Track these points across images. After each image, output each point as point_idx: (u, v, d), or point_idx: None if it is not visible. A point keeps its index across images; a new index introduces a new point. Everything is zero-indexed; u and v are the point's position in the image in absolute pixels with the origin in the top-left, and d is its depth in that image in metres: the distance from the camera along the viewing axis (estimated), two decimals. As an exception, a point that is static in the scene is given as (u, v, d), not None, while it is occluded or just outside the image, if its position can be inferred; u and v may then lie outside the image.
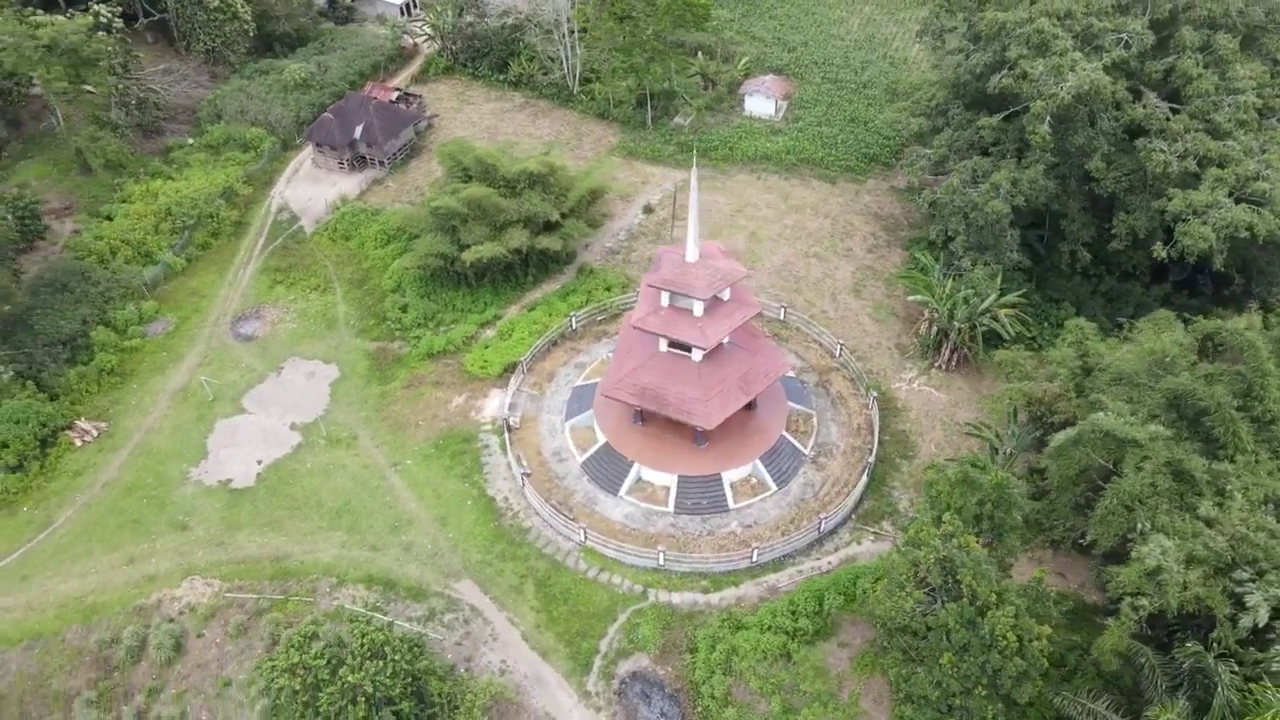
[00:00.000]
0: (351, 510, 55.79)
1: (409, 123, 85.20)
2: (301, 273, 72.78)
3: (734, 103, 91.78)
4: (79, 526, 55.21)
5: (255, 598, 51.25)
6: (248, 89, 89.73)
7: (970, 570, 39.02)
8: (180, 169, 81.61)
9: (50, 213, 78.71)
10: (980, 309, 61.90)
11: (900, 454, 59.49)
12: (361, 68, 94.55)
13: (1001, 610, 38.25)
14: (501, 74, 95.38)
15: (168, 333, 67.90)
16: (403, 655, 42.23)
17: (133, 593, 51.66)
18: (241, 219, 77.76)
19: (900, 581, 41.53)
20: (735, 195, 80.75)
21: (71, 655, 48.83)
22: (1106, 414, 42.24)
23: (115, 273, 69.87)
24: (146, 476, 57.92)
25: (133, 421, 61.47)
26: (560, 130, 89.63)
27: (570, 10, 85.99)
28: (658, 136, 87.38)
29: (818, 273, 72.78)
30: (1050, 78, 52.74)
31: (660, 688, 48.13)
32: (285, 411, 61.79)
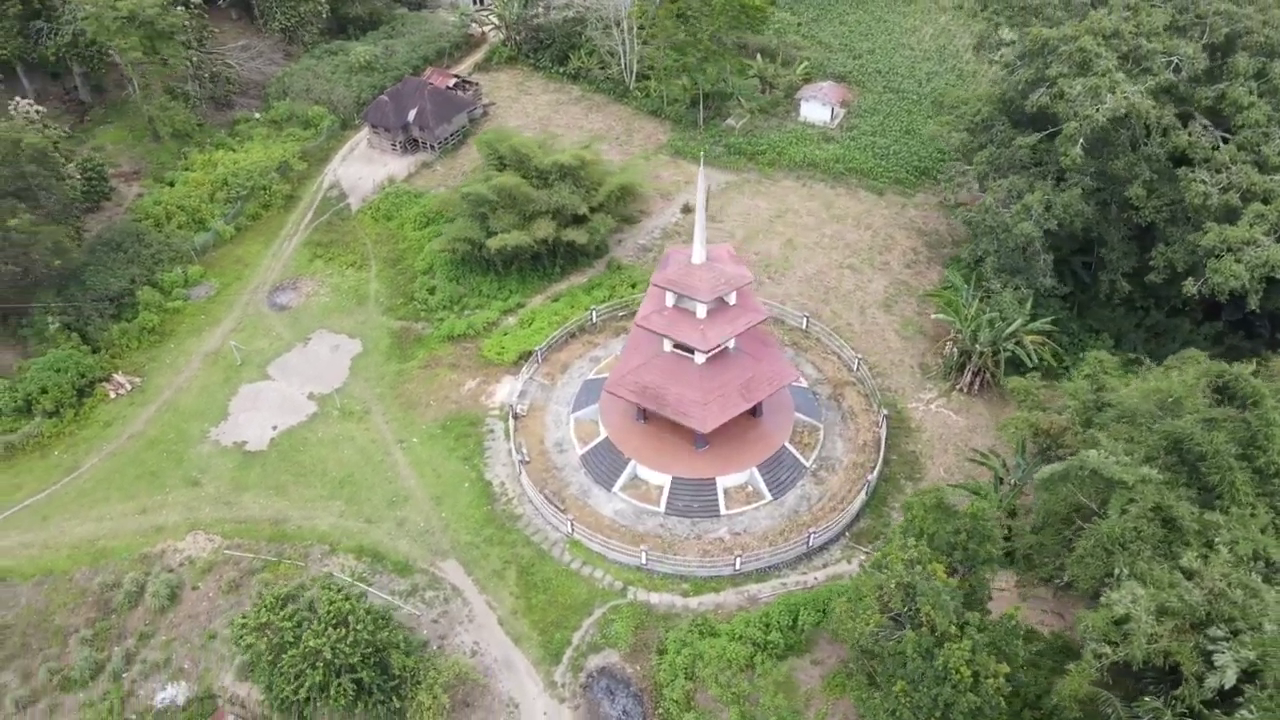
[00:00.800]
0: (353, 482, 57.37)
1: (462, 109, 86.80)
2: (341, 249, 74.99)
3: (789, 107, 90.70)
4: (101, 474, 58.19)
5: (251, 557, 53.22)
6: (315, 68, 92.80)
7: (930, 599, 37.90)
8: (243, 141, 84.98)
9: (120, 176, 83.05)
10: (1005, 333, 59.91)
11: (907, 475, 58.06)
12: (426, 53, 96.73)
13: (958, 644, 37.08)
14: (561, 66, 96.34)
15: (209, 297, 70.88)
16: (365, 626, 43.23)
17: (140, 541, 54.23)
18: (293, 193, 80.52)
19: (864, 603, 40.62)
20: (777, 201, 79.88)
21: (76, 594, 51.57)
22: (1098, 451, 40.47)
23: (168, 236, 73.26)
24: (169, 432, 60.65)
25: (164, 379, 64.42)
26: (612, 125, 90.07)
27: (629, 6, 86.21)
28: (707, 137, 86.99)
29: (850, 284, 71.47)
30: (1087, 98, 50.60)
31: (626, 685, 48.16)
32: (306, 381, 63.86)
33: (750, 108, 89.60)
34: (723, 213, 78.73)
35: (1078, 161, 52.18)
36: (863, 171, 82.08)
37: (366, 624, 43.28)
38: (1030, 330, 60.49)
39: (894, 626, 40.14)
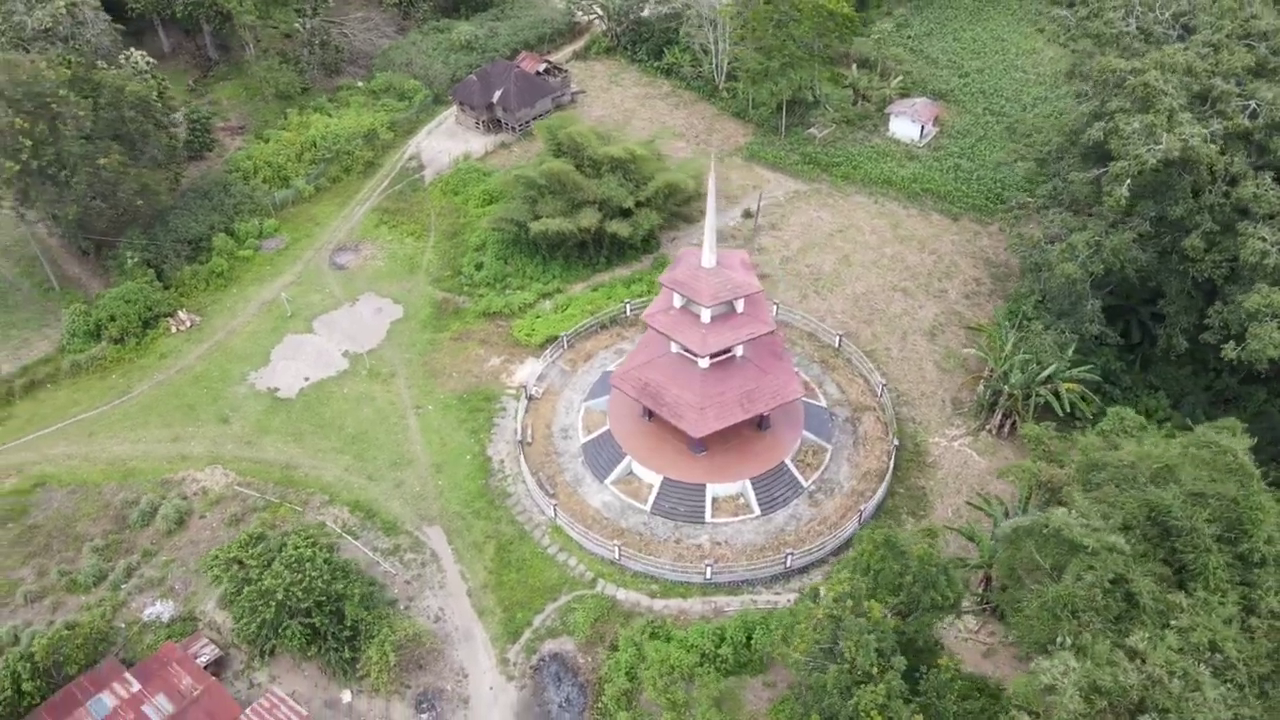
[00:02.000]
0: (364, 439, 59.85)
1: (547, 94, 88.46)
2: (406, 218, 77.98)
3: (879, 121, 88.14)
4: (147, 401, 62.85)
5: (257, 496, 56.40)
6: (419, 43, 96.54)
7: (853, 636, 36.54)
8: (340, 107, 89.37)
9: (227, 129, 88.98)
10: (1039, 377, 56.65)
11: (911, 510, 55.87)
12: (528, 38, 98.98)
13: (874, 687, 35.62)
14: (656, 61, 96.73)
15: (278, 250, 75.15)
16: (322, 575, 45.24)
17: (165, 466, 58.34)
18: (375, 160, 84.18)
19: (798, 629, 39.57)
20: (843, 215, 77.93)
21: (100, 507, 56.00)
22: (1065, 511, 37.94)
23: (252, 190, 78.06)
24: (214, 370, 64.84)
25: (221, 321, 68.84)
26: (694, 123, 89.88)
27: (722, 3, 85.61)
28: (786, 143, 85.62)
29: (898, 308, 69.06)
30: (1141, 137, 47.03)
31: (574, 674, 48.51)
32: (345, 339, 66.91)
33: (836, 118, 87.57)
34: (784, 221, 77.45)
35: (1122, 203, 48.61)
36: (940, 194, 78.95)
37: (324, 573, 45.28)
38: (1068, 378, 56.93)
39: (825, 658, 38.95)
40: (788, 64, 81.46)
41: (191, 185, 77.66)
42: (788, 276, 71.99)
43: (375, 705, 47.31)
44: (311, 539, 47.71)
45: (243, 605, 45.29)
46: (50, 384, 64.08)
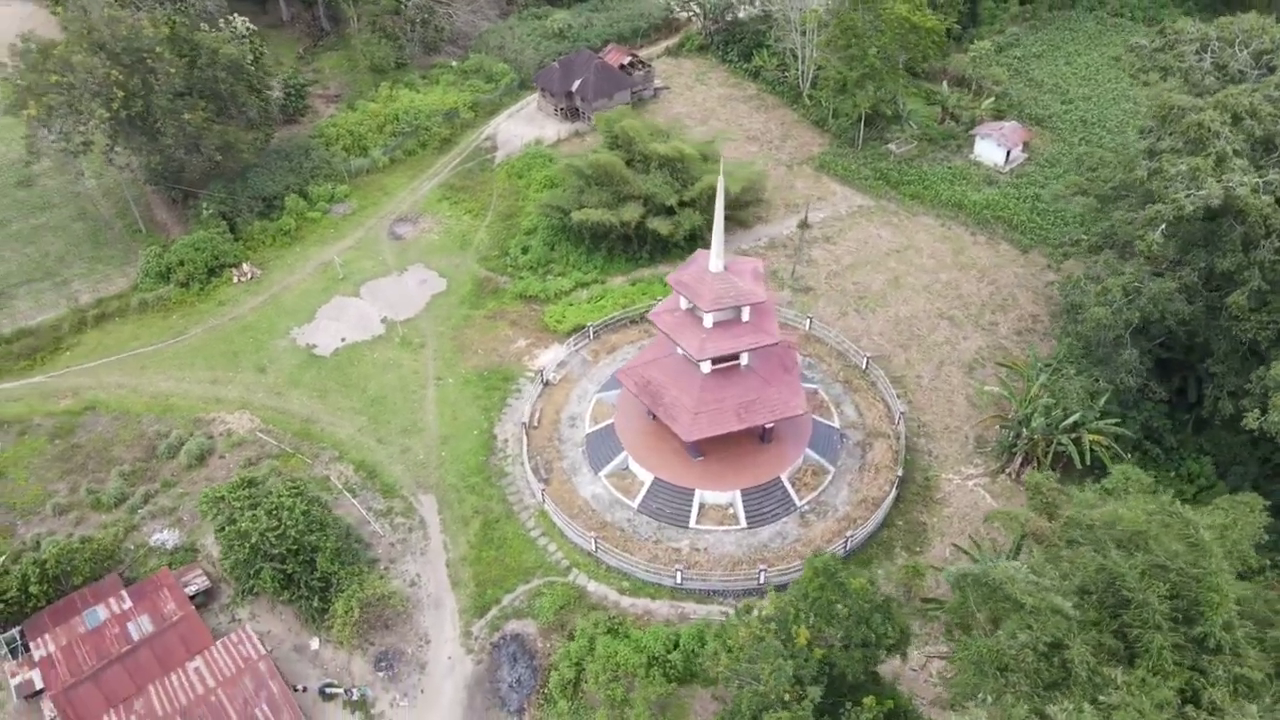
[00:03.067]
0: (382, 403, 62.09)
1: (626, 87, 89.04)
2: (468, 195, 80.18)
3: (964, 142, 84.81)
4: (198, 343, 67.06)
5: (275, 443, 59.44)
6: (515, 28, 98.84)
7: (769, 660, 35.74)
8: (430, 85, 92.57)
9: (325, 97, 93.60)
10: (1061, 424, 53.52)
11: (906, 544, 53.85)
12: (622, 30, 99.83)
13: (778, 714, 34.77)
14: (746, 63, 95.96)
15: (345, 215, 78.65)
16: (297, 525, 47.32)
17: (200, 406, 62.19)
18: (450, 138, 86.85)
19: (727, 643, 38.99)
20: (904, 235, 75.47)
21: (136, 435, 60.21)
22: (1010, 565, 35.92)
23: (331, 156, 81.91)
24: (263, 322, 68.56)
25: (279, 277, 72.66)
26: (771, 128, 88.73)
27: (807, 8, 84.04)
28: (860, 157, 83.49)
29: (940, 336, 66.49)
30: (1183, 181, 43.61)
31: (530, 657, 49.11)
32: (387, 306, 69.50)
33: (917, 135, 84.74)
34: (840, 236, 75.64)
35: (1153, 249, 45.33)
36: (1013, 223, 75.31)
37: (299, 523, 47.37)
38: (1095, 429, 53.53)
39: (746, 677, 38.24)
40: (868, 75, 79.33)
41: (277, 146, 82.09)
42: (831, 292, 70.31)
43: (339, 657, 49.24)
44: (297, 489, 49.84)
45: (223, 543, 48.02)
46: (119, 318, 69.20)
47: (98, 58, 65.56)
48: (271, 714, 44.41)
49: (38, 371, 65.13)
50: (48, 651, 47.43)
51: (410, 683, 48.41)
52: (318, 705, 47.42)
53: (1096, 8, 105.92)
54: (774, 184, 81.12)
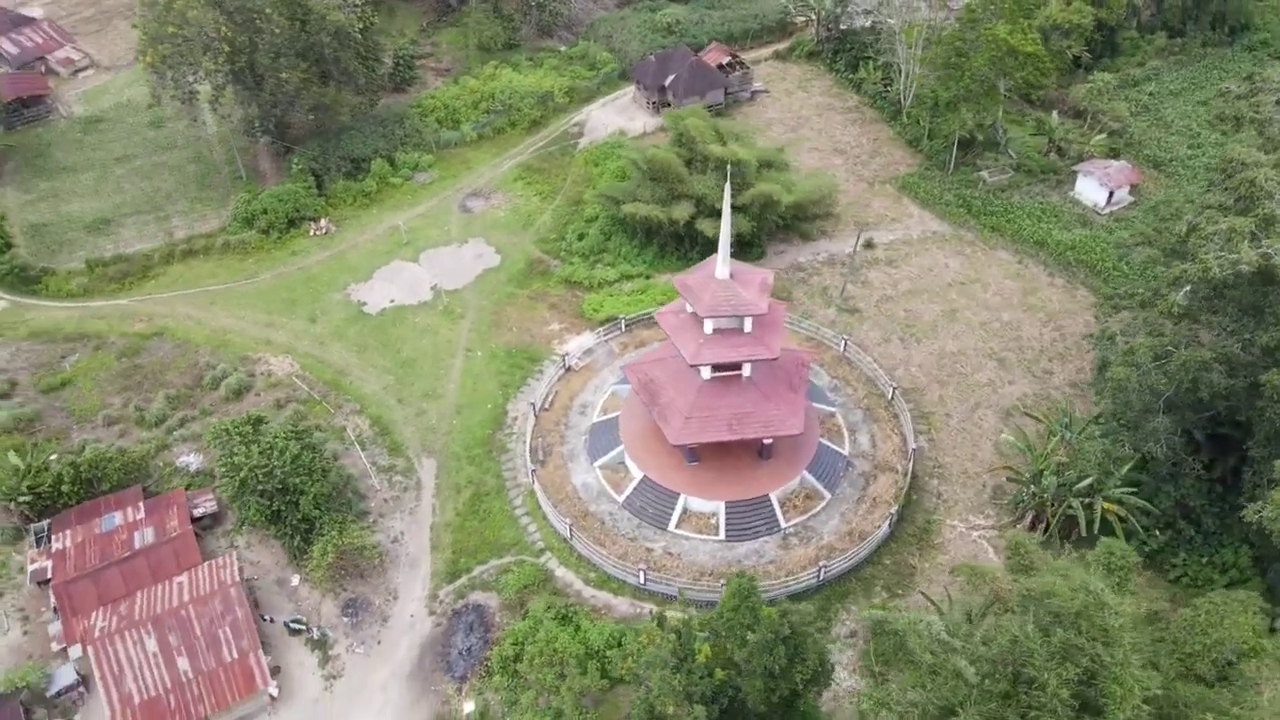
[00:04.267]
0: (411, 366, 64.63)
1: (719, 86, 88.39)
2: (543, 178, 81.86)
3: (1066, 177, 79.76)
4: (265, 287, 71.69)
5: (306, 389, 62.97)
6: (628, 20, 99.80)
7: (656, 670, 35.42)
8: (535, 67, 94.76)
9: (436, 70, 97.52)
10: (1075, 487, 49.92)
11: (889, 585, 51.71)
12: (733, 29, 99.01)
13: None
14: (851, 73, 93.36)
15: (425, 184, 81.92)
16: (283, 465, 50.09)
17: (251, 345, 66.55)
18: (540, 120, 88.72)
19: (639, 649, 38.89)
20: (973, 268, 71.92)
21: (189, 364, 65.10)
22: (932, 620, 34.10)
23: (423, 126, 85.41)
24: (325, 275, 72.53)
25: (350, 235, 76.57)
26: (862, 143, 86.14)
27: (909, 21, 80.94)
28: (947, 181, 79.93)
29: (984, 377, 63.17)
30: (1217, 241, 39.65)
31: (485, 629, 50.22)
32: (439, 274, 72.12)
33: (1013, 163, 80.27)
34: (904, 260, 72.83)
35: (1174, 310, 41.43)
36: (1096, 269, 70.36)
37: (285, 464, 50.13)
38: (1111, 497, 49.62)
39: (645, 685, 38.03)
40: (963, 97, 75.76)
41: (377, 112, 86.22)
42: (879, 316, 67.90)
43: (313, 596, 51.93)
44: (295, 434, 52.68)
45: (220, 473, 51.52)
46: (203, 255, 74.82)
47: (212, 13, 70.88)
48: (232, 637, 47.43)
49: (124, 295, 71.38)
50: (63, 546, 52.27)
51: (370, 632, 50.54)
52: (283, 637, 50.24)
53: (1257, 47, 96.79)
54: (849, 200, 78.86)
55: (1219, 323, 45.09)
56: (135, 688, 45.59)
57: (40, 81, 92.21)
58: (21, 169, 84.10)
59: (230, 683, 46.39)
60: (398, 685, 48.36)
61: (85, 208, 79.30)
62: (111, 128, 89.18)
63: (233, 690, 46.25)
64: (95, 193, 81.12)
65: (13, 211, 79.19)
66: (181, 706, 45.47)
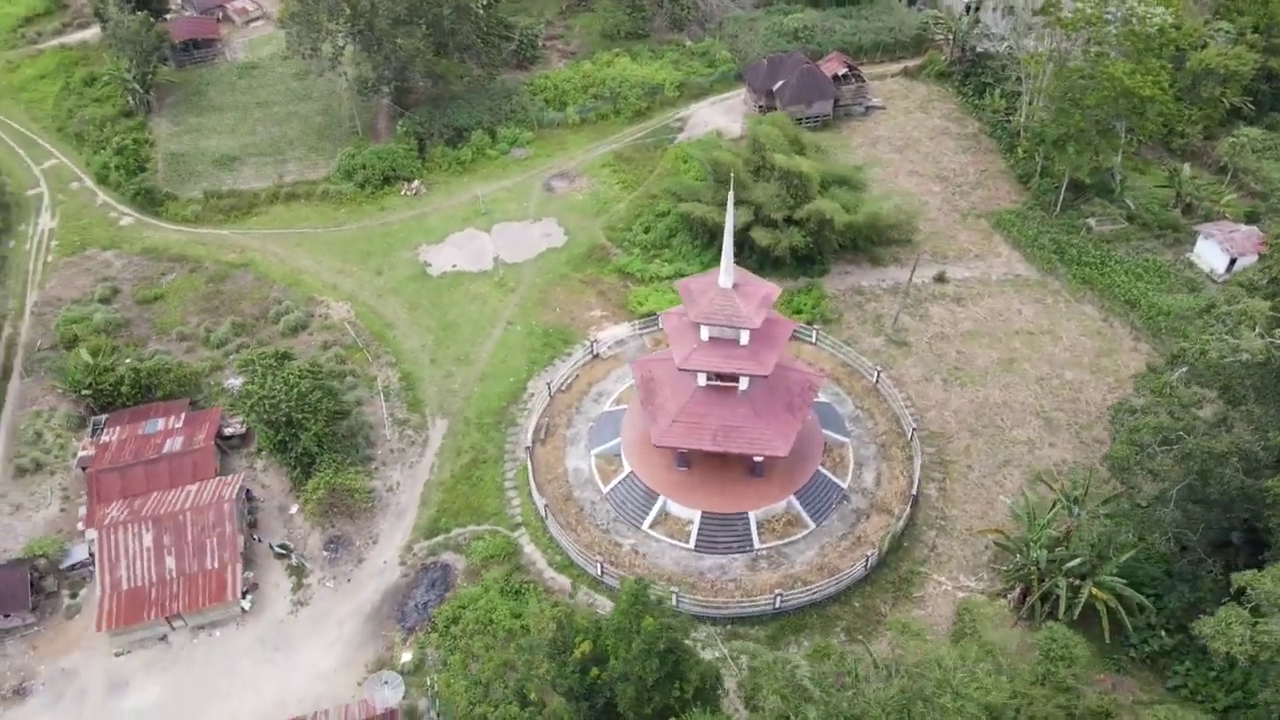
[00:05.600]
0: (453, 329, 67.32)
1: (829, 97, 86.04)
2: (631, 167, 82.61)
3: (1185, 237, 72.90)
4: (345, 237, 76.43)
5: (353, 336, 66.92)
6: (758, 21, 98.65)
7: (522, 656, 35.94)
8: (655, 59, 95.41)
9: (562, 52, 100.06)
10: (1065, 566, 46.11)
11: (850, 627, 49.68)
12: (864, 41, 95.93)
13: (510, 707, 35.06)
14: (978, 99, 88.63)
15: (519, 160, 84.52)
16: (288, 400, 53.62)
17: (319, 288, 71.27)
18: (644, 111, 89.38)
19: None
20: (1049, 318, 67.23)
21: (261, 297, 70.45)
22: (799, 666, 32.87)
23: (529, 104, 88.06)
24: (402, 233, 76.44)
25: (436, 199, 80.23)
26: (968, 172, 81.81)
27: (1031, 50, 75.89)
28: (1048, 224, 74.83)
29: (1024, 435, 59.24)
30: (1228, 322, 35.33)
31: (444, 589, 52.04)
32: (504, 247, 74.48)
33: (1125, 213, 74.02)
34: (974, 299, 68.96)
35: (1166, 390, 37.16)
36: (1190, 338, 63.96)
37: (290, 399, 53.69)
38: (1103, 584, 45.45)
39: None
40: (1073, 136, 70.46)
41: (491, 86, 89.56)
42: (927, 353, 64.69)
43: (304, 527, 55.51)
44: (310, 373, 56.17)
45: (238, 399, 55.90)
46: (303, 199, 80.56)
47: (338, -23, 76.07)
48: (217, 548, 51.53)
49: (228, 226, 78.01)
50: (109, 440, 58.23)
51: (344, 570, 53.55)
52: (269, 558, 54.06)
53: None
54: (934, 229, 75.26)
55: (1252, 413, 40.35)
56: (125, 575, 50.47)
57: (211, 26, 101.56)
58: (179, 103, 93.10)
59: (205, 588, 50.50)
60: (354, 623, 51.07)
61: (219, 144, 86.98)
62: (263, 75, 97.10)
63: (206, 595, 50.33)
64: (231, 131, 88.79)
65: (161, 140, 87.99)
66: (160, 600, 49.98)
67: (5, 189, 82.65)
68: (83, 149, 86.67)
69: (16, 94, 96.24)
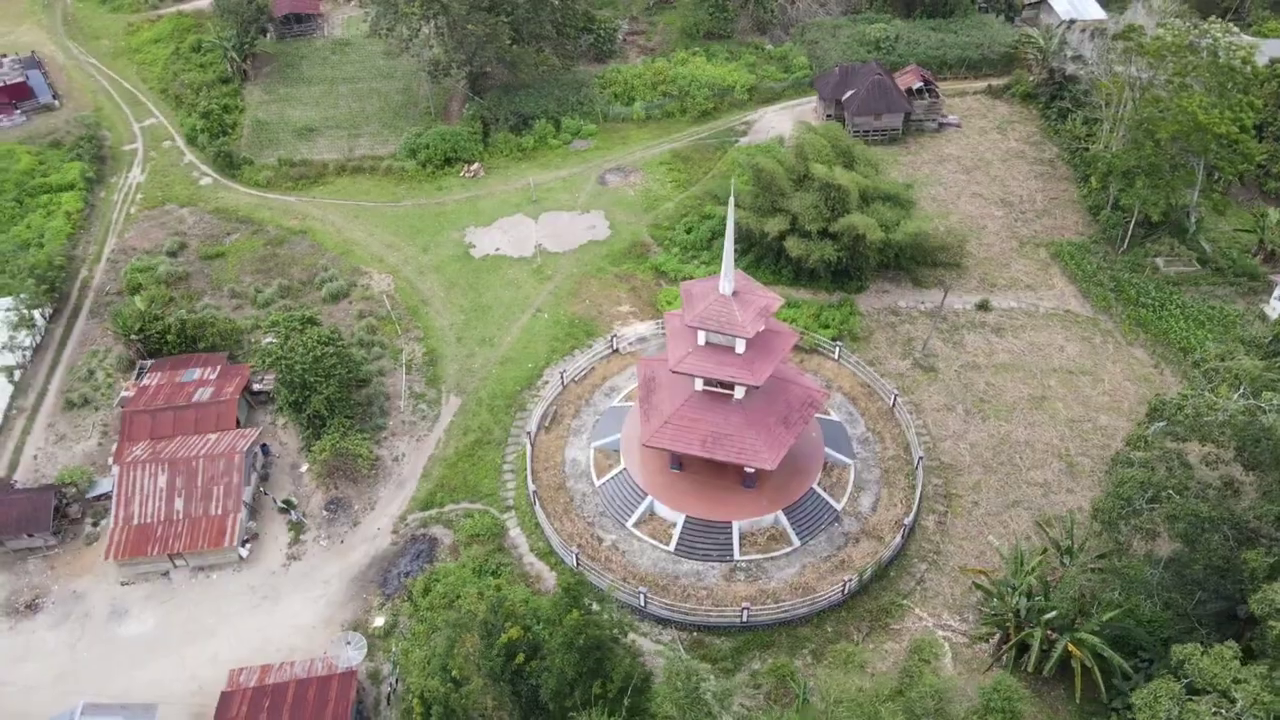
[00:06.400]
0: (483, 311, 68.77)
1: (899, 110, 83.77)
2: (688, 167, 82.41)
3: (1263, 286, 68.21)
4: (399, 213, 78.93)
5: (389, 307, 69.22)
6: (839, 28, 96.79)
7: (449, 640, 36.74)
8: (731, 60, 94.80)
9: (643, 48, 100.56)
10: (1042, 617, 43.96)
11: (818, 651, 48.57)
12: (950, 56, 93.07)
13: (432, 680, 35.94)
14: (1060, 123, 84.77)
15: (580, 150, 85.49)
16: (303, 363, 55.94)
17: (365, 259, 73.88)
18: (710, 111, 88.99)
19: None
20: (1093, 358, 64.05)
21: (310, 263, 73.45)
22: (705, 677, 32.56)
23: (596, 96, 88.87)
24: (454, 214, 78.45)
25: (494, 184, 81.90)
26: (1035, 198, 78.45)
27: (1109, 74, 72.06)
28: (1112, 260, 71.24)
29: (1042, 476, 56.75)
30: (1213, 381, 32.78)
31: (428, 560, 53.37)
32: (548, 235, 75.53)
33: (1198, 255, 69.63)
34: (1014, 331, 66.24)
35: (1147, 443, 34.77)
36: (1244, 396, 59.87)
37: (305, 362, 56.01)
38: (1078, 640, 43.09)
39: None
40: (1144, 170, 66.68)
41: (563, 78, 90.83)
42: (953, 383, 62.51)
43: (309, 487, 57.89)
44: (327, 339, 58.34)
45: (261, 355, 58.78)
46: (368, 173, 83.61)
47: (415, -40, 78.53)
48: (222, 496, 54.33)
49: (294, 193, 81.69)
50: (149, 383, 62.02)
51: (339, 531, 55.62)
52: (271, 510, 56.62)
53: None
54: (988, 254, 72.54)
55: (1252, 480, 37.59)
56: (138, 510, 53.76)
57: (312, 2, 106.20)
58: (274, 74, 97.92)
59: (206, 532, 53.31)
60: (339, 583, 53.01)
61: (302, 114, 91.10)
62: (354, 52, 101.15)
63: (206, 539, 53.10)
64: (315, 104, 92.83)
65: (250, 107, 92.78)
66: (164, 537, 53.02)
67: (106, 143, 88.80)
68: (179, 111, 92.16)
69: (132, 55, 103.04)
